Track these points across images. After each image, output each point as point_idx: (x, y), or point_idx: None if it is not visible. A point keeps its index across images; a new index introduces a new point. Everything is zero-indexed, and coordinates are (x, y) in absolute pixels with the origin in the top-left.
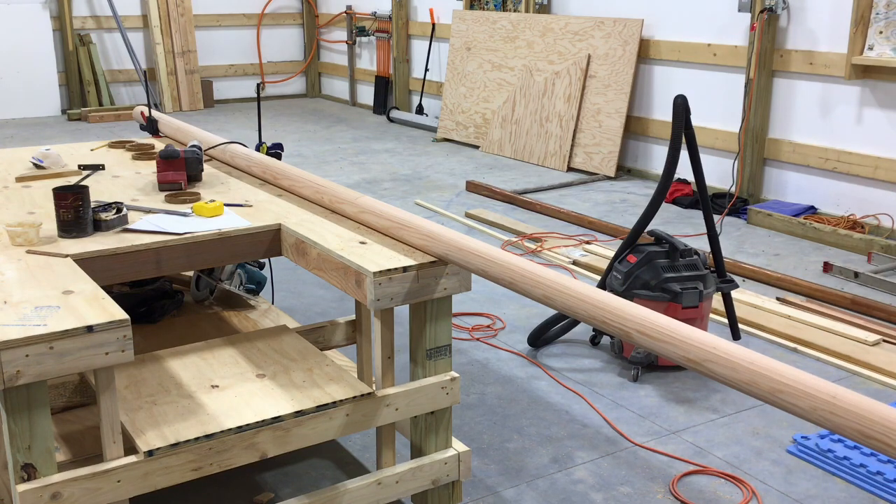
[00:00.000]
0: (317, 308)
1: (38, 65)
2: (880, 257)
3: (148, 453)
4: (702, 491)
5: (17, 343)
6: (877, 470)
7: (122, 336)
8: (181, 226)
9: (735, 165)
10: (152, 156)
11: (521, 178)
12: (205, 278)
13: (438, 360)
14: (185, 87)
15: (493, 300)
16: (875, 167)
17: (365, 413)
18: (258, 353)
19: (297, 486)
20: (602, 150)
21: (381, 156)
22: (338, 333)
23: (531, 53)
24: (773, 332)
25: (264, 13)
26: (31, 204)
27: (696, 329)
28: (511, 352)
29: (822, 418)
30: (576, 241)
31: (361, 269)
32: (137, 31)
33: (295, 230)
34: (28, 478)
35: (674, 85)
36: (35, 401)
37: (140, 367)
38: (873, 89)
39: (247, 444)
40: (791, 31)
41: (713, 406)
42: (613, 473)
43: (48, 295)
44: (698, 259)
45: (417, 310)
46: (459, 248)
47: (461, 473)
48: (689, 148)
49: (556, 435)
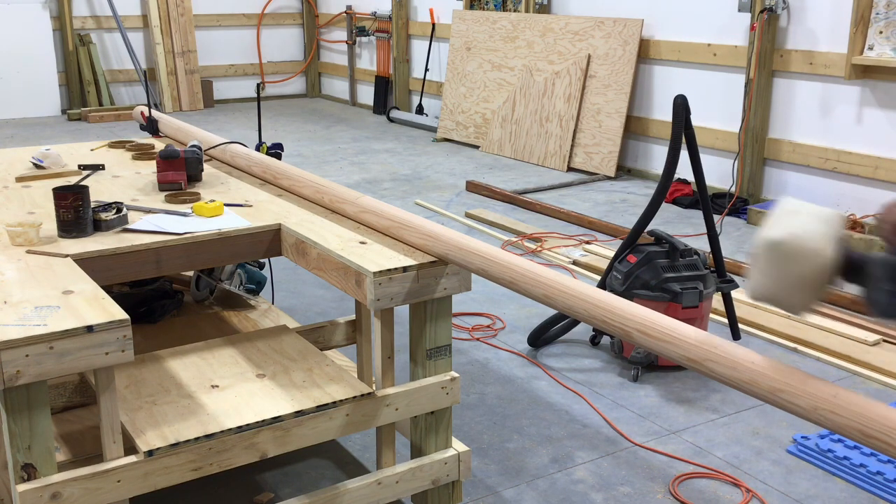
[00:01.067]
0: (317, 308)
1: (38, 65)
2: None
3: (148, 453)
4: (702, 491)
5: (17, 343)
6: (877, 470)
7: (122, 336)
8: (181, 226)
9: (735, 165)
10: (152, 156)
11: (521, 178)
12: (205, 278)
13: (438, 360)
14: (185, 87)
15: (493, 300)
16: (875, 167)
17: (365, 413)
18: (258, 353)
19: (297, 486)
20: (602, 150)
21: (381, 156)
22: (338, 333)
23: (531, 53)
24: (773, 332)
25: (264, 13)
26: (31, 204)
27: (696, 329)
28: (511, 352)
29: (823, 417)
30: (576, 241)
31: (361, 269)
32: (137, 31)
33: (295, 230)
34: (28, 478)
35: (674, 85)
36: (35, 401)
37: (140, 367)
38: (873, 89)
39: (247, 444)
40: (791, 31)
41: (713, 406)
42: (613, 473)
43: (48, 295)
44: (698, 259)
45: (417, 310)
46: (459, 248)
47: (461, 473)
48: (689, 148)
49: (556, 435)
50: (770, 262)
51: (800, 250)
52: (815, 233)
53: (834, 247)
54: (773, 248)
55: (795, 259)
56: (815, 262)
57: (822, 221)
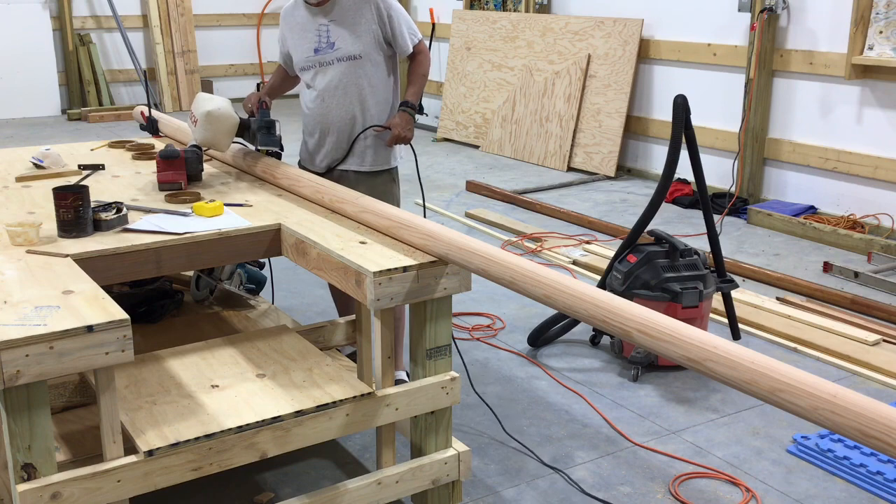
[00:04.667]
0: (317, 308)
1: (38, 65)
2: (880, 257)
3: (148, 453)
4: (702, 491)
5: (17, 343)
6: (877, 470)
7: (122, 336)
8: (181, 226)
9: (735, 165)
10: (152, 156)
11: (521, 177)
12: (205, 278)
13: (438, 360)
14: (185, 87)
15: (493, 300)
16: (875, 167)
17: (365, 413)
18: (258, 353)
19: (297, 486)
20: (602, 150)
21: None
22: (338, 333)
23: (531, 53)
24: (773, 331)
25: (264, 13)
26: (31, 204)
27: (696, 329)
28: (511, 352)
29: (823, 417)
30: (576, 240)
31: (361, 269)
32: (137, 31)
33: (295, 230)
34: (28, 478)
35: (674, 85)
36: (35, 401)
37: (140, 367)
38: (873, 89)
39: (247, 444)
40: (791, 30)
41: (713, 406)
42: (613, 473)
43: (48, 295)
44: (698, 259)
45: (417, 310)
46: (460, 248)
47: (461, 473)
48: (689, 148)
49: (556, 435)
50: (207, 122)
51: (224, 115)
52: (225, 106)
53: (235, 114)
54: (208, 115)
55: (221, 120)
56: (231, 122)
57: (224, 102)
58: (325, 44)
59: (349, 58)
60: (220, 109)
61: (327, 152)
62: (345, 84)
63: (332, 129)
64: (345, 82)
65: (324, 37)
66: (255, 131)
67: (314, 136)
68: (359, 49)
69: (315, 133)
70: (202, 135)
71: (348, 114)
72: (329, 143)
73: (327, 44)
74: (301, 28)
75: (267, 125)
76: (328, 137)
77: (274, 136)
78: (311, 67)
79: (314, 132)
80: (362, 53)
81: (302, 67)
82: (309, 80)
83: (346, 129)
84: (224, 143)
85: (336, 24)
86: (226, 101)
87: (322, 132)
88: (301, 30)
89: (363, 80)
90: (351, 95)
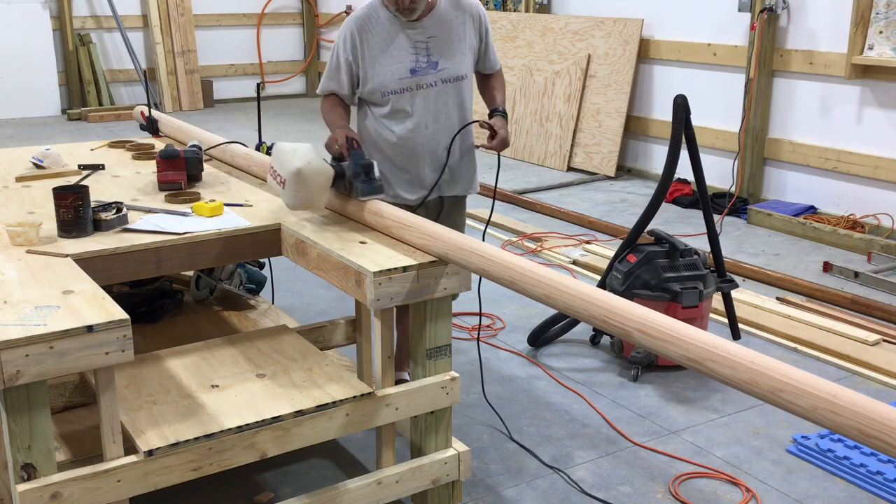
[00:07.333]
0: (317, 308)
1: (38, 65)
2: (880, 257)
3: (148, 453)
4: (702, 491)
5: (17, 343)
6: (877, 470)
7: (122, 336)
8: (181, 225)
9: (735, 165)
10: (152, 156)
11: (521, 177)
12: (205, 278)
13: (438, 360)
14: (185, 87)
15: (493, 300)
16: (875, 167)
17: (365, 413)
18: (258, 353)
19: (297, 486)
20: (602, 150)
21: None
22: (338, 333)
23: (531, 53)
24: (773, 331)
25: (264, 13)
26: (31, 204)
27: (696, 328)
28: (511, 351)
29: (823, 417)
30: (576, 240)
31: (361, 269)
32: (137, 31)
33: (295, 230)
34: (28, 477)
35: (674, 85)
36: (35, 401)
37: (140, 367)
38: (873, 89)
39: (247, 443)
40: (791, 30)
41: (713, 406)
42: (613, 473)
43: (48, 295)
44: (698, 259)
45: (417, 310)
46: (460, 248)
47: (461, 473)
48: (689, 148)
49: (556, 435)
50: (298, 182)
51: (315, 171)
52: (315, 159)
53: (328, 164)
54: (297, 174)
55: (314, 177)
56: (325, 175)
57: (311, 152)
58: (426, 63)
59: (455, 79)
60: (311, 164)
61: (430, 183)
62: (450, 108)
63: (439, 158)
64: (450, 105)
65: (422, 55)
66: (352, 179)
67: (409, 170)
68: (465, 69)
69: (413, 165)
70: (294, 199)
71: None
72: (431, 173)
73: (428, 63)
74: (386, 44)
75: (364, 170)
76: (431, 167)
77: (376, 183)
78: (404, 91)
79: (410, 165)
80: (467, 73)
81: (391, 90)
82: (403, 106)
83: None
84: (321, 202)
85: (437, 39)
86: (311, 151)
87: (429, 164)
88: (387, 47)
89: (467, 102)
90: (456, 119)
